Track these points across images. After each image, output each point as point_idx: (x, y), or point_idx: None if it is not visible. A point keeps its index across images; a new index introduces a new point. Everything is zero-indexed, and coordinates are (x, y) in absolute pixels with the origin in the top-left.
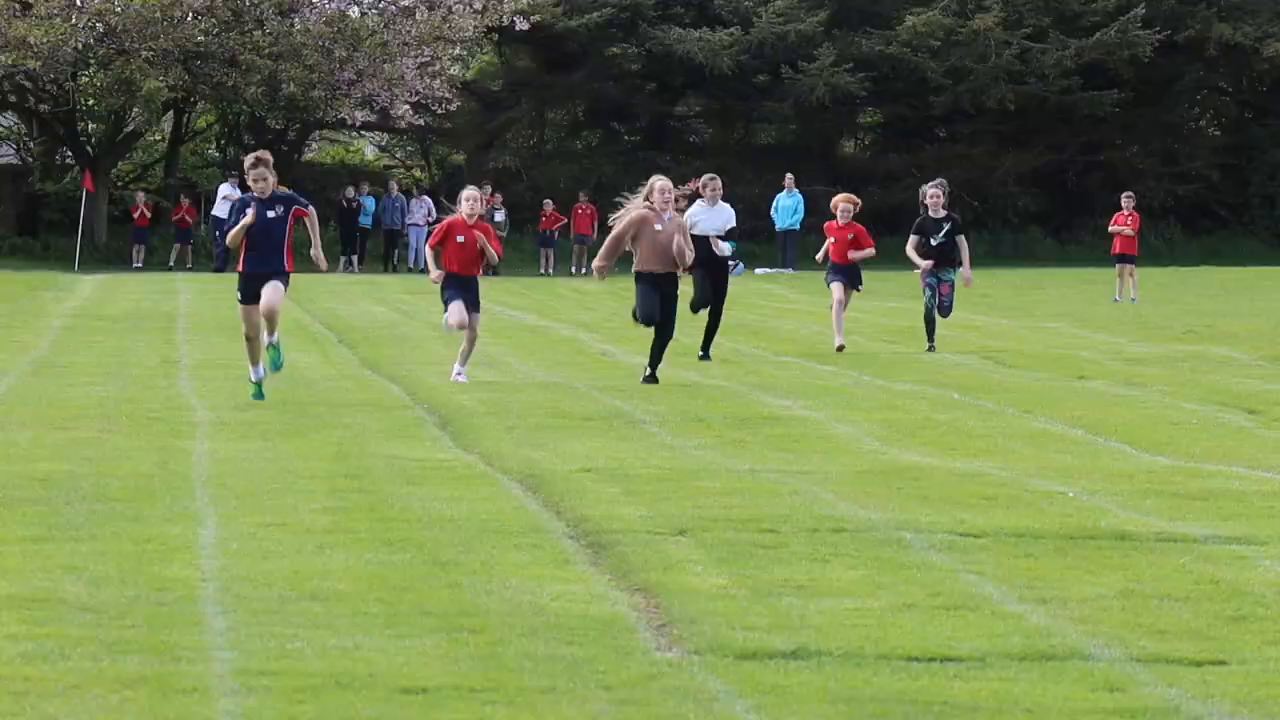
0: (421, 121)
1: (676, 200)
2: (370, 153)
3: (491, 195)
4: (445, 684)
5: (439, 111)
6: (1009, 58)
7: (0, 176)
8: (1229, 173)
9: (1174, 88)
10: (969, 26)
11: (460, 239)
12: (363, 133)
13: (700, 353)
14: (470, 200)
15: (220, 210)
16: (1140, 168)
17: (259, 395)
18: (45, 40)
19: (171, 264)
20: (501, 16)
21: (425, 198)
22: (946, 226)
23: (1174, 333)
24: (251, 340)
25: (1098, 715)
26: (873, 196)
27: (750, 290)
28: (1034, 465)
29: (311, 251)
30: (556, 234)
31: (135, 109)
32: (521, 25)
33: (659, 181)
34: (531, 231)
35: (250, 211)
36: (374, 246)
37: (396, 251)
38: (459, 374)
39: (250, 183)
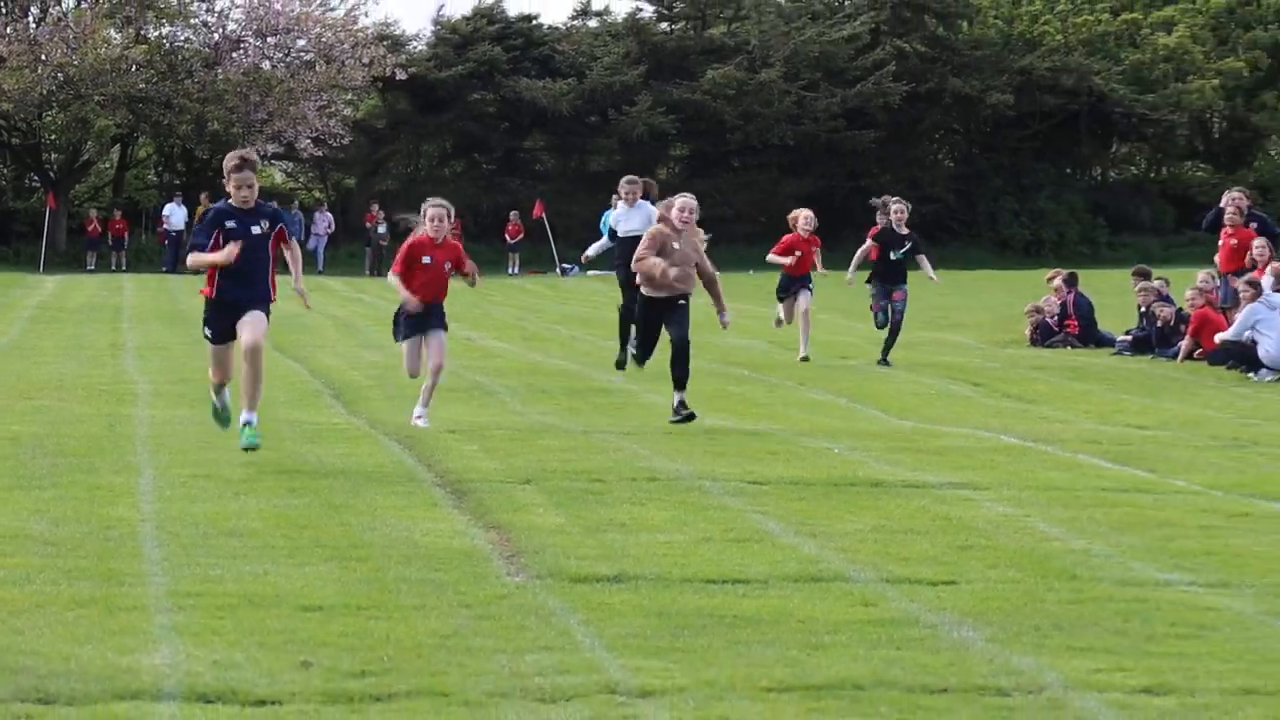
0: (320, 153)
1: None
2: (279, 178)
3: (373, 213)
4: (337, 603)
5: (334, 145)
6: (789, 104)
7: None
8: (961, 196)
9: (918, 129)
10: (757, 79)
11: (427, 260)
12: (273, 162)
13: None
14: (436, 220)
15: (176, 223)
16: (892, 192)
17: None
18: (15, 87)
19: (114, 266)
20: (385, 69)
21: (328, 212)
22: (909, 245)
23: (917, 322)
24: (222, 390)
25: (856, 624)
26: None
27: (583, 288)
28: (807, 427)
29: (294, 284)
30: None
31: (89, 142)
32: (401, 76)
33: (679, 199)
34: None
35: (233, 247)
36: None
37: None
38: (419, 417)
39: (232, 189)
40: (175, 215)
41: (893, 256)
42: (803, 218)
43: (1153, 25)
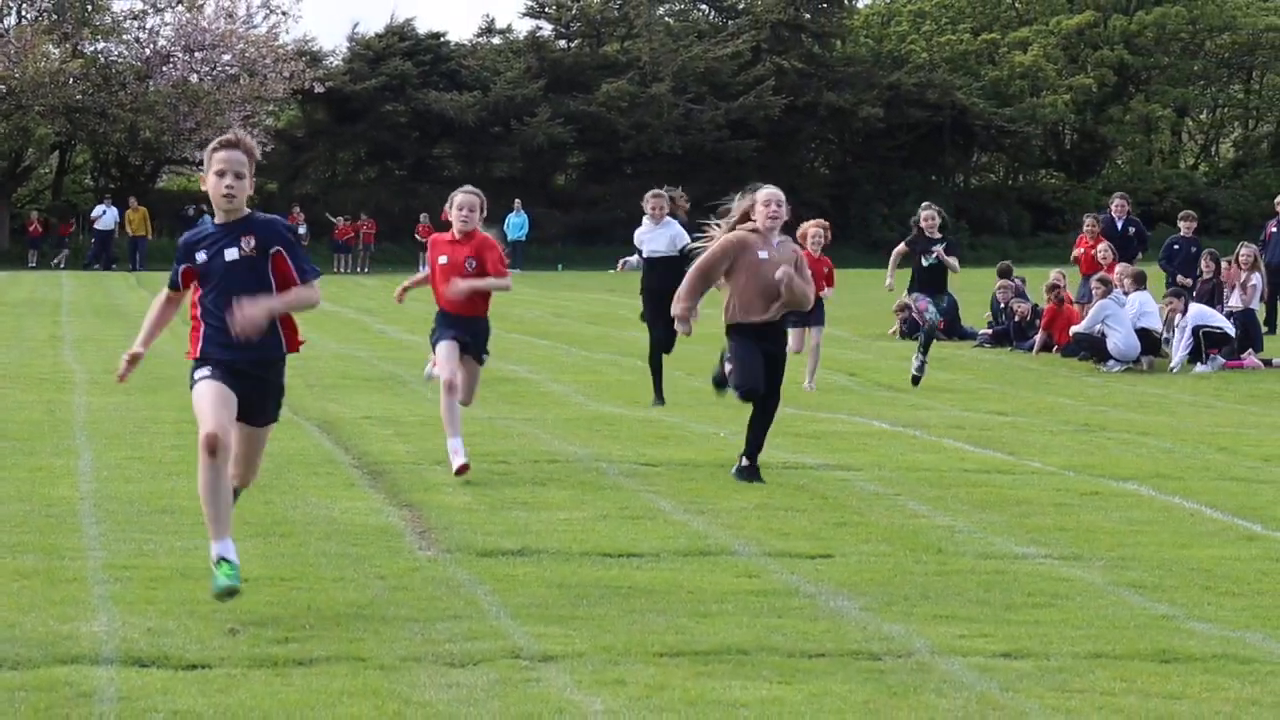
0: None
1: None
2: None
3: (295, 214)
4: (262, 575)
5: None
6: (677, 116)
7: None
8: (835, 201)
9: (796, 139)
10: (648, 92)
11: (443, 260)
12: (200, 167)
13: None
14: (464, 209)
15: (104, 223)
16: None
17: (231, 580)
18: None
19: (53, 263)
20: (304, 82)
21: None
22: (940, 249)
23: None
24: (215, 456)
25: (740, 594)
26: (578, 216)
27: None
28: (695, 414)
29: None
30: (349, 242)
31: (30, 149)
32: (319, 89)
33: (763, 191)
34: (327, 240)
35: (125, 366)
36: None
37: None
38: (455, 452)
39: (212, 180)
40: (105, 216)
41: (924, 263)
42: (810, 234)
43: (1010, 45)
